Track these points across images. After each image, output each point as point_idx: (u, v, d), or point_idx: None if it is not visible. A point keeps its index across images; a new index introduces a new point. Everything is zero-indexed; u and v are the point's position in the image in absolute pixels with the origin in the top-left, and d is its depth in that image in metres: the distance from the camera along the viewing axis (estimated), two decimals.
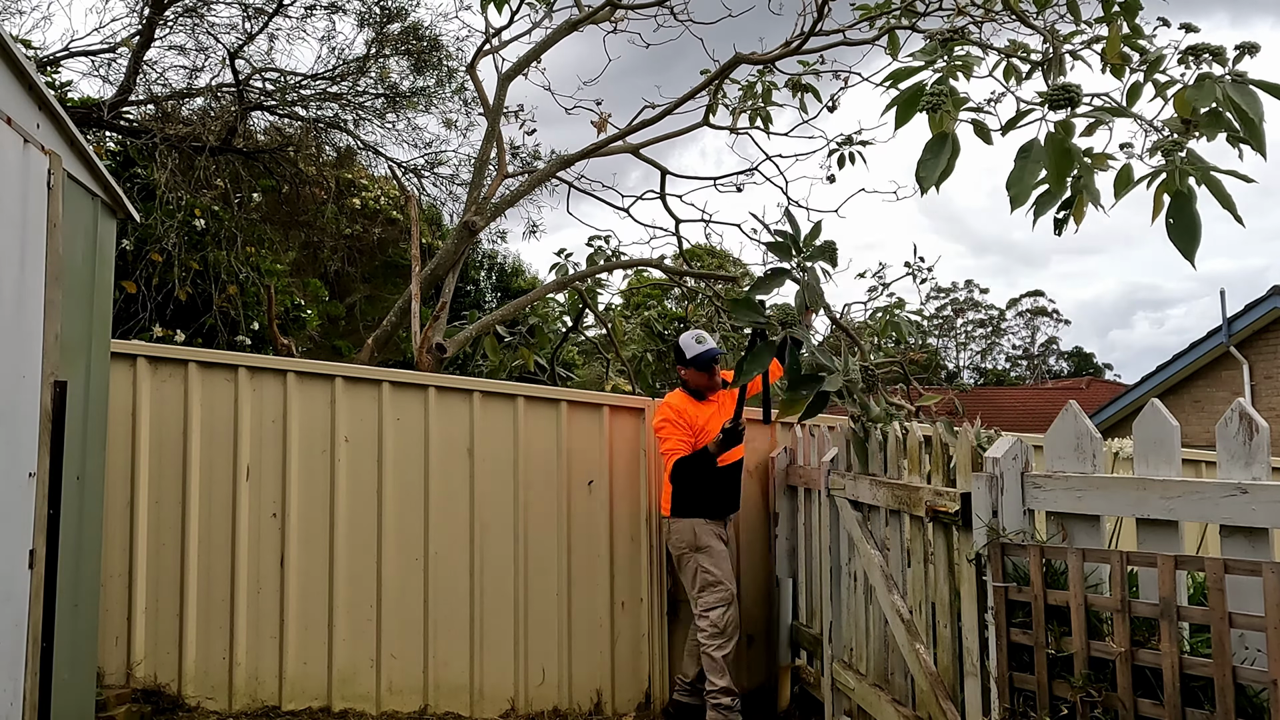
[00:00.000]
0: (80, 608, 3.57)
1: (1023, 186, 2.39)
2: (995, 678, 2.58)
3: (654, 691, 4.94)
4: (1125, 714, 2.21)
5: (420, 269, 7.44)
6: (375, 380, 4.95)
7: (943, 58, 2.66)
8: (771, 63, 6.95)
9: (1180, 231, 2.28)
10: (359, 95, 10.61)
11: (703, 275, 8.64)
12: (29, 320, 3.10)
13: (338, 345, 11.72)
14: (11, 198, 2.97)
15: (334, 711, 4.70)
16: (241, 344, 8.76)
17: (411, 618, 4.82)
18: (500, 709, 4.84)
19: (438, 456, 4.92)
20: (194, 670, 4.66)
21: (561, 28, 7.48)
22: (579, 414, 5.08)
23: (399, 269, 12.06)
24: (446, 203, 12.18)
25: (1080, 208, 2.54)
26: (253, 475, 4.80)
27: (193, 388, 4.80)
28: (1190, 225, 2.27)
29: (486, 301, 17.21)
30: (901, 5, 5.74)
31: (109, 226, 3.89)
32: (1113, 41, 2.87)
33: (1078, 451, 2.54)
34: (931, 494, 3.03)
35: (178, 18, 9.52)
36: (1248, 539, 2.11)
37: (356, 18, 10.37)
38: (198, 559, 4.71)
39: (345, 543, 4.81)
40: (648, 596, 4.99)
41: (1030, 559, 2.48)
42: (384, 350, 8.34)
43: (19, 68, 3.01)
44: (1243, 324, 13.41)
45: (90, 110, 8.76)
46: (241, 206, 9.33)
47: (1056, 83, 2.47)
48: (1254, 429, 2.12)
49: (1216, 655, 2.03)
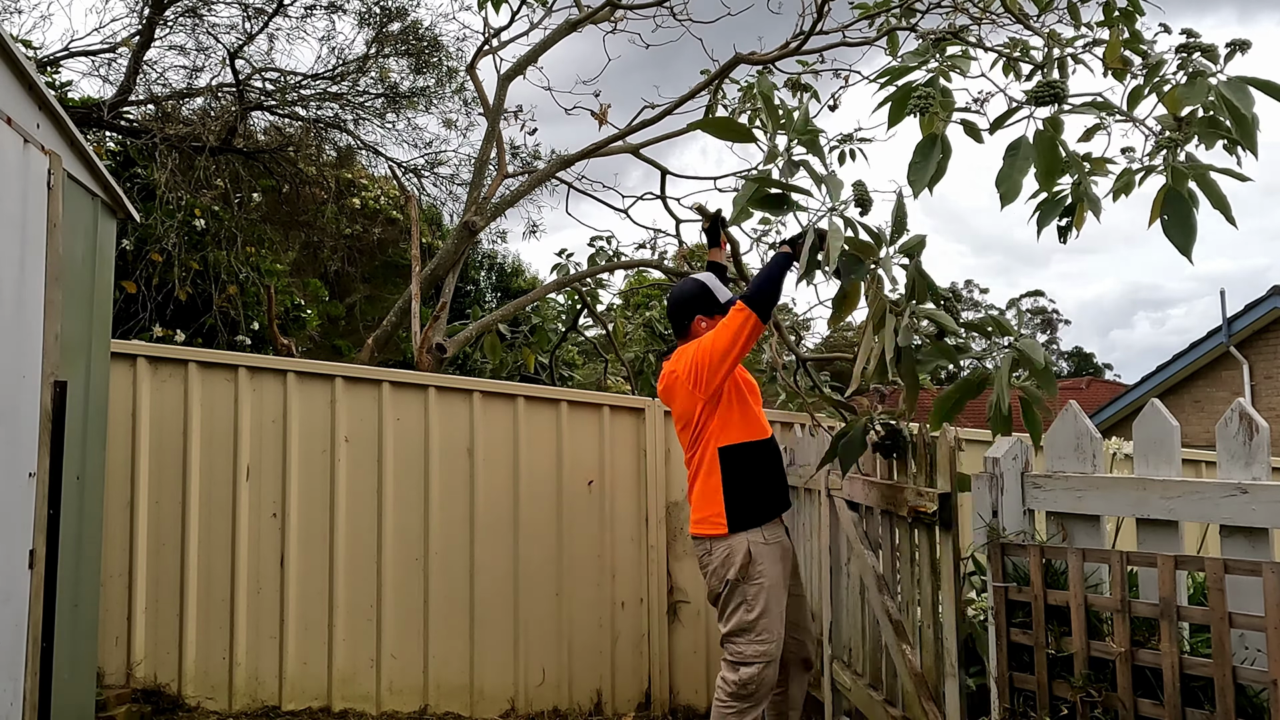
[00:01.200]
0: (80, 608, 3.57)
1: (1011, 184, 2.39)
2: (995, 678, 2.58)
3: (654, 692, 4.94)
4: (1125, 714, 2.21)
5: (420, 269, 7.44)
6: (375, 380, 4.95)
7: (934, 57, 2.66)
8: (771, 63, 6.95)
9: (1176, 228, 2.28)
10: (359, 95, 10.62)
11: None
12: (29, 320, 3.10)
13: (338, 345, 11.72)
14: (11, 198, 2.98)
15: (334, 711, 4.70)
16: (241, 344, 8.76)
17: (411, 618, 4.82)
18: (500, 709, 4.84)
19: (438, 456, 4.92)
20: (194, 670, 4.66)
21: (561, 28, 7.48)
22: (579, 414, 5.08)
23: (399, 269, 12.06)
24: (446, 203, 12.20)
25: (1080, 215, 2.55)
26: (253, 475, 4.80)
27: (193, 388, 4.80)
28: (1186, 221, 2.27)
29: (486, 301, 17.19)
30: (901, 4, 5.74)
31: (109, 226, 3.89)
32: (1113, 46, 2.88)
33: (1078, 451, 2.54)
34: (913, 494, 3.03)
35: (178, 18, 9.53)
36: (1248, 539, 2.11)
37: (356, 18, 10.38)
38: (198, 559, 4.71)
39: (345, 543, 4.81)
40: (648, 596, 4.99)
41: (1030, 559, 2.48)
42: (384, 350, 8.34)
43: (19, 68, 3.01)
44: (1243, 324, 13.41)
45: (90, 110, 8.76)
46: (241, 206, 9.33)
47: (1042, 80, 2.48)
48: (1254, 429, 2.12)
49: (1216, 655, 2.03)
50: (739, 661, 3.43)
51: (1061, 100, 2.38)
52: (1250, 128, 2.28)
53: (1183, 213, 2.27)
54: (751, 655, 3.41)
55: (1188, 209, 2.27)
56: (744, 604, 3.42)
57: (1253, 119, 2.29)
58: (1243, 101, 2.27)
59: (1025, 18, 4.06)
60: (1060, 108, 2.40)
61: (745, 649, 3.42)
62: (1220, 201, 2.26)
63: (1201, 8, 34.58)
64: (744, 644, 3.42)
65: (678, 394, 3.59)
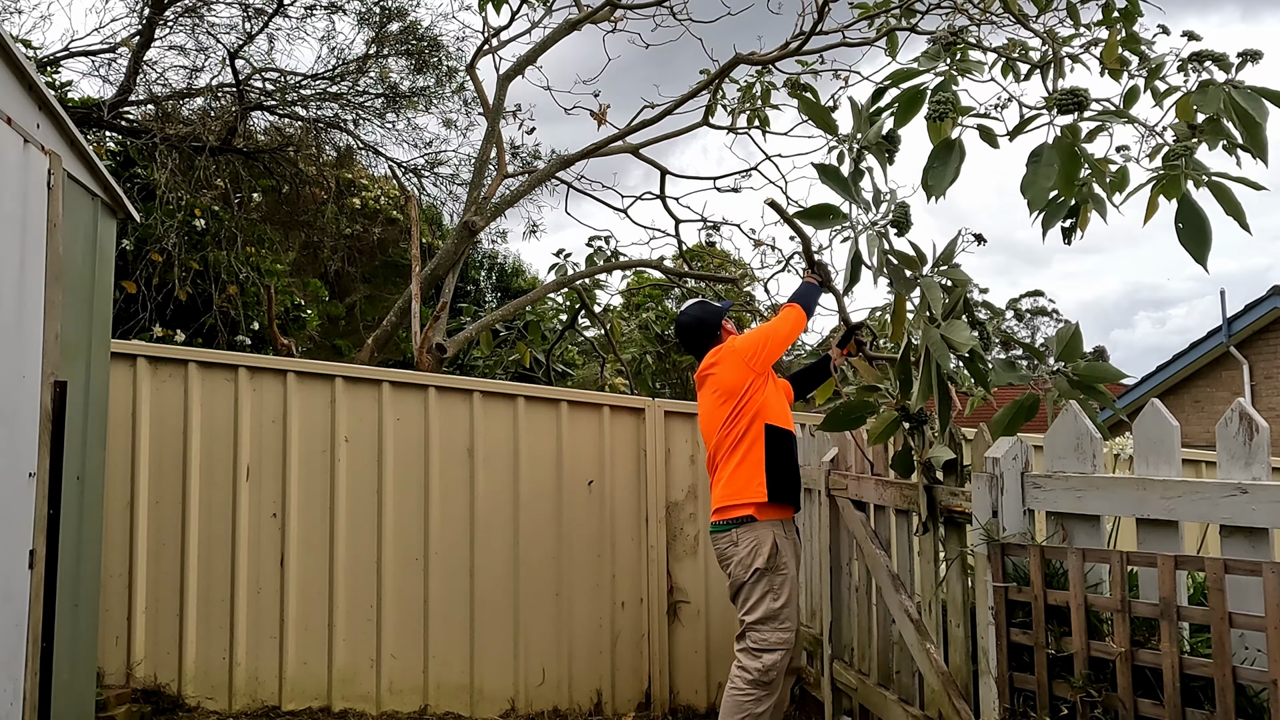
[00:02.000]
0: (80, 608, 3.57)
1: (1037, 189, 2.40)
2: (995, 678, 2.58)
3: (654, 692, 4.94)
4: (1125, 714, 2.21)
5: (420, 269, 7.44)
6: (375, 380, 4.95)
7: (944, 61, 2.66)
8: (771, 63, 6.95)
9: (1190, 235, 2.27)
10: (359, 95, 10.62)
11: (702, 276, 8.64)
12: (29, 320, 3.10)
13: (338, 345, 11.72)
14: (11, 198, 2.98)
15: (334, 711, 4.70)
16: (241, 344, 8.76)
17: (411, 618, 4.82)
18: (500, 709, 4.84)
19: (438, 456, 4.92)
20: (194, 670, 4.66)
21: (561, 27, 7.49)
22: (579, 414, 5.08)
23: (399, 269, 12.06)
24: (446, 203, 12.20)
25: (1085, 215, 2.55)
26: (253, 475, 4.80)
27: (193, 388, 4.80)
28: (1200, 228, 2.26)
29: (487, 301, 17.19)
30: (900, 5, 5.74)
31: (109, 226, 3.89)
32: (1111, 46, 2.89)
33: (1078, 451, 2.54)
34: (946, 494, 3.03)
35: (178, 18, 9.53)
36: (1248, 539, 2.11)
37: (356, 18, 10.38)
38: (198, 559, 4.71)
39: (345, 543, 4.81)
40: (648, 596, 4.99)
41: (1030, 559, 2.48)
42: (384, 350, 8.34)
43: (19, 68, 3.01)
44: (1243, 324, 13.41)
45: (90, 110, 8.76)
46: (241, 206, 9.33)
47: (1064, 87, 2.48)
48: (1254, 429, 2.12)
49: (1216, 655, 2.03)
50: (762, 649, 3.55)
51: (1084, 108, 2.37)
52: (1263, 136, 2.28)
53: (1197, 220, 2.27)
54: (775, 642, 3.56)
55: (1202, 216, 2.27)
56: (770, 592, 3.58)
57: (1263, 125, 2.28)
58: (1256, 110, 2.27)
59: (1025, 18, 4.06)
60: (1081, 115, 2.39)
61: (770, 635, 3.56)
62: (1235, 209, 2.25)
63: (1204, 7, 34.59)
64: (768, 631, 3.56)
65: (727, 365, 3.76)
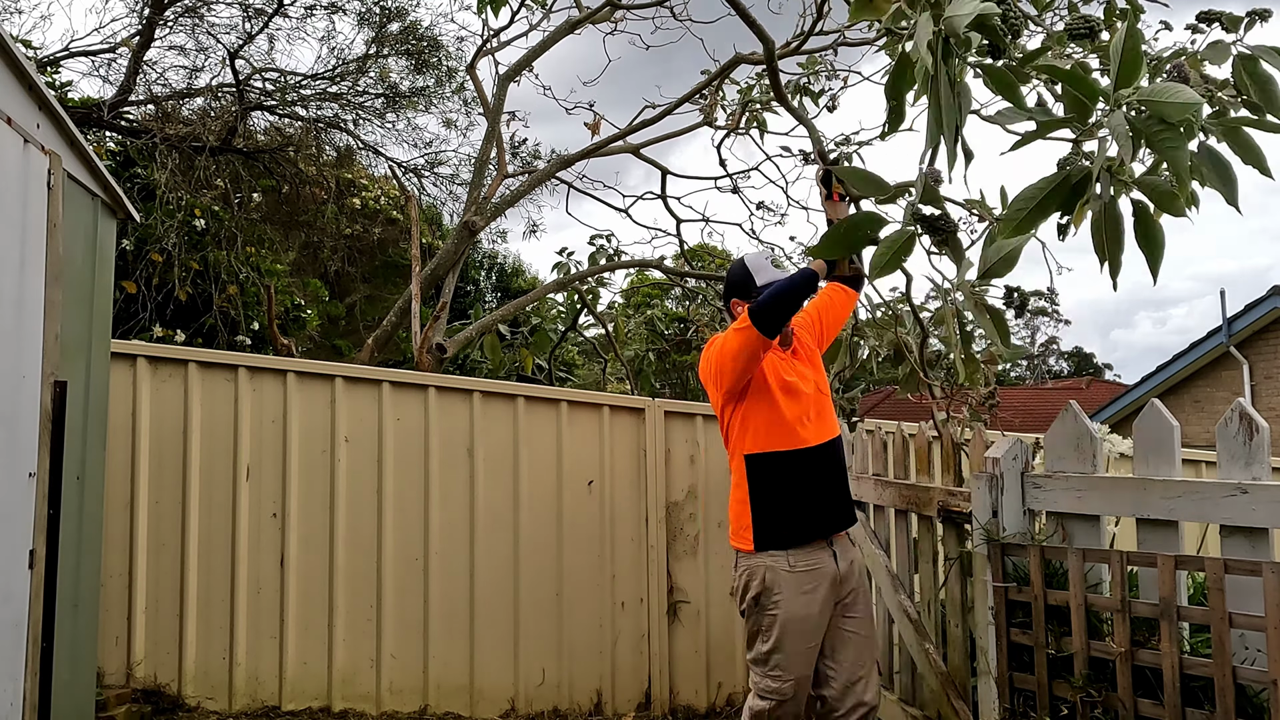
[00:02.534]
0: (80, 608, 3.57)
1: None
2: (995, 678, 2.58)
3: (654, 692, 4.94)
4: (1125, 714, 2.21)
5: (420, 269, 7.44)
6: (375, 380, 4.95)
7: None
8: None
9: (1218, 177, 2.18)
10: (359, 95, 10.62)
11: (703, 276, 8.65)
12: (29, 320, 3.10)
13: (338, 345, 11.72)
14: (11, 198, 2.98)
15: (334, 711, 4.70)
16: (241, 344, 8.76)
17: (411, 618, 4.82)
18: (500, 709, 4.84)
19: (438, 456, 4.92)
20: (194, 670, 4.66)
21: (561, 28, 7.48)
22: (579, 414, 5.08)
23: (399, 269, 12.06)
24: (446, 203, 12.21)
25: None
26: (253, 475, 4.80)
27: (193, 388, 4.80)
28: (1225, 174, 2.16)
29: (486, 302, 17.20)
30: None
31: (109, 226, 3.89)
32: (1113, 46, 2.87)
33: (1078, 451, 2.54)
34: (944, 494, 3.03)
35: (178, 18, 9.53)
36: (1248, 539, 2.11)
37: (356, 18, 10.38)
38: (198, 559, 4.71)
39: (345, 543, 4.81)
40: (648, 596, 4.99)
41: (1030, 559, 2.48)
42: (384, 350, 8.34)
43: (19, 68, 3.01)
44: (1243, 324, 13.40)
45: (90, 110, 8.76)
46: (241, 206, 9.33)
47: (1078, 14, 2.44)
48: (1254, 429, 2.12)
49: (1216, 655, 2.03)
50: (756, 693, 3.14)
51: (1096, 35, 2.32)
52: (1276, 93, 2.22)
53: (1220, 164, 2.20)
54: (764, 690, 3.08)
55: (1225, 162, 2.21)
56: (760, 633, 3.08)
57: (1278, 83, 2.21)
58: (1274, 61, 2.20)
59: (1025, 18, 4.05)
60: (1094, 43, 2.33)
61: (760, 681, 3.11)
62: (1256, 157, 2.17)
63: (1205, 7, 34.17)
64: (759, 676, 3.11)
65: (707, 387, 3.27)
